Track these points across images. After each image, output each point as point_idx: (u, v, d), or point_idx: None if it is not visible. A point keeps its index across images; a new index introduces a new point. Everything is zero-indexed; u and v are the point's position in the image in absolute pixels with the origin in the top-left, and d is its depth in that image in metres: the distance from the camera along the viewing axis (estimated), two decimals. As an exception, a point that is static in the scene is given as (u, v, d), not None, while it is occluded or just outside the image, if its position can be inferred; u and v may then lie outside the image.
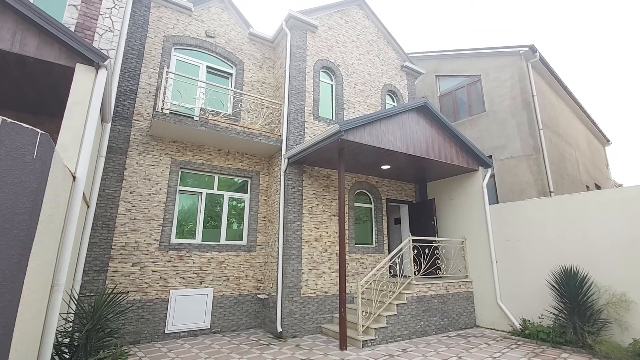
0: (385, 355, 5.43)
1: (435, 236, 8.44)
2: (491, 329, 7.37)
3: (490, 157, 9.89)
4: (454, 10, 59.54)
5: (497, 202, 9.31)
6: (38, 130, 2.39)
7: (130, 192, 6.71)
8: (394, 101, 10.35)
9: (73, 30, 5.57)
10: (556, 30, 58.93)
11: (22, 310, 2.44)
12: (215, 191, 7.77)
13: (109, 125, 5.98)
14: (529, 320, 6.65)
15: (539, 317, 6.59)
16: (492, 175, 9.66)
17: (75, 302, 4.40)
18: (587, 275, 6.06)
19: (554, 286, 6.36)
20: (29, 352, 2.88)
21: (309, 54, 8.64)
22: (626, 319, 5.63)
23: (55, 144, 3.68)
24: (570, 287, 6.05)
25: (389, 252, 8.58)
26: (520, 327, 6.71)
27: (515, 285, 7.19)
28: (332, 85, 9.08)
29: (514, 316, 7.02)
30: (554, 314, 6.30)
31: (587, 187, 11.84)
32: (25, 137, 2.29)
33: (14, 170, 2.20)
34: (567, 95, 11.98)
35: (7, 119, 2.18)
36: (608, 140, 16.54)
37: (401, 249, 7.22)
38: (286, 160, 7.53)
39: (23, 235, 2.26)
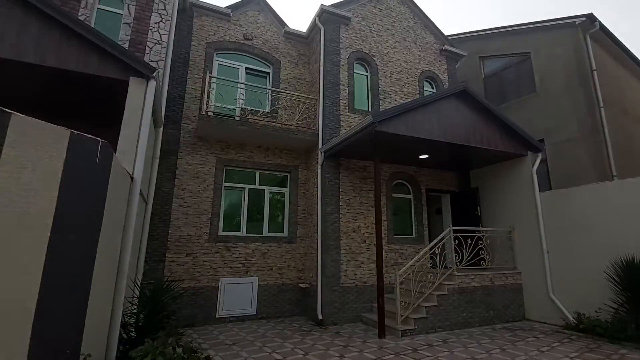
0: (425, 345, 5.44)
1: (479, 226, 8.12)
2: (541, 322, 6.97)
3: (542, 140, 9.18)
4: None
5: (550, 189, 8.66)
6: (99, 139, 2.82)
7: (182, 190, 7.36)
8: (433, 88, 10.01)
9: (128, 46, 6.24)
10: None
11: (93, 289, 2.91)
12: (257, 186, 8.21)
13: (161, 129, 6.62)
14: (585, 314, 6.18)
15: (596, 311, 6.09)
16: (544, 160, 8.98)
17: (139, 288, 5.03)
18: (653, 266, 5.49)
19: (613, 278, 5.85)
20: (102, 328, 3.41)
21: (343, 47, 8.68)
22: (703, 315, 5.03)
23: (115, 150, 4.23)
24: (633, 278, 5.53)
25: (430, 243, 8.43)
26: (575, 321, 6.26)
27: (568, 277, 6.71)
28: (367, 76, 9.04)
29: (567, 310, 6.57)
30: (614, 308, 5.80)
31: (663, 169, 10.48)
32: (89, 145, 2.72)
33: (82, 173, 2.63)
34: (637, 65, 10.65)
35: (74, 131, 2.61)
36: (693, 114, 14.37)
37: (442, 239, 7.08)
38: (323, 153, 7.71)
39: (92, 227, 2.71)
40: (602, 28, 9.04)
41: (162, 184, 7.14)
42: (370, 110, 8.68)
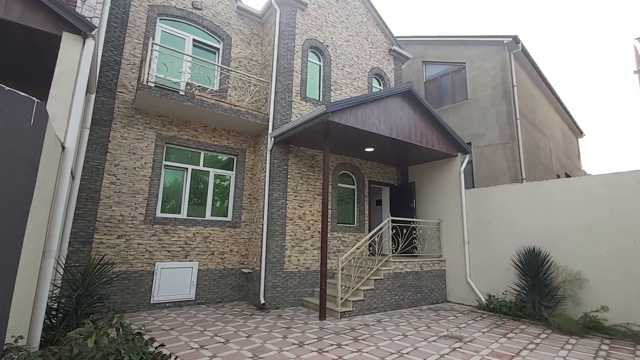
0: (361, 325, 5.83)
1: (414, 217, 8.85)
2: (460, 303, 7.95)
3: (470, 143, 10.27)
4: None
5: (473, 187, 9.77)
6: (34, 99, 2.45)
7: (115, 165, 6.69)
8: (380, 85, 10.48)
9: (55, -5, 5.39)
10: (539, 22, 59.71)
11: (21, 271, 2.57)
12: (201, 167, 7.82)
13: (93, 96, 5.90)
14: (494, 296, 7.22)
15: (503, 293, 7.16)
16: (470, 161, 10.07)
17: (63, 270, 4.51)
18: (548, 255, 6.60)
19: (518, 265, 6.89)
20: (25, 312, 3.02)
21: (298, 33, 8.59)
22: (579, 295, 6.21)
23: (44, 114, 3.69)
24: (533, 265, 6.59)
25: (370, 232, 8.94)
26: (486, 302, 7.28)
27: (484, 264, 7.73)
28: (320, 65, 9.10)
29: (481, 292, 7.58)
30: (517, 290, 6.87)
31: (558, 175, 12.52)
32: (22, 105, 2.35)
33: (12, 137, 2.27)
34: (546, 87, 12.43)
35: (4, 86, 2.23)
36: (582, 133, 17.32)
37: (381, 229, 7.58)
38: (272, 139, 7.63)
39: (23, 199, 2.37)
40: (524, 50, 10.35)
41: (92, 157, 6.41)
42: (321, 100, 8.78)
